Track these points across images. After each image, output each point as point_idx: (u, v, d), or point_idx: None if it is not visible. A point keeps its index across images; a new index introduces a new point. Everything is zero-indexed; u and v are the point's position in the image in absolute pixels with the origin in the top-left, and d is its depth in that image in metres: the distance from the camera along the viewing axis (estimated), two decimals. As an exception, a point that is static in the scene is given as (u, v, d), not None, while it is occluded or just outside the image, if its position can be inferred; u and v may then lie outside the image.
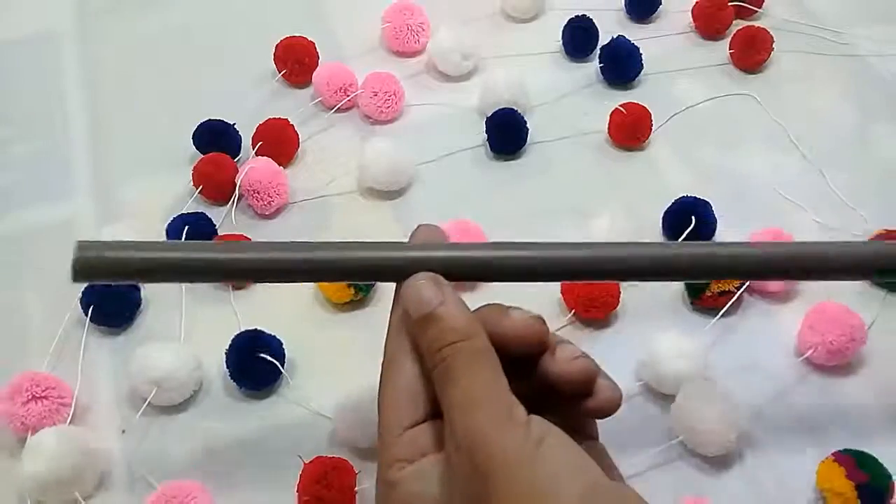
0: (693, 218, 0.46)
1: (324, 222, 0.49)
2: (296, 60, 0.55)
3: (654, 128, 0.52)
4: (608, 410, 0.32)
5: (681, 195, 0.47)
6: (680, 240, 0.46)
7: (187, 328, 0.44)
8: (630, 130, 0.51)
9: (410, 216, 0.49)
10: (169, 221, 0.47)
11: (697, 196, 0.47)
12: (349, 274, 0.32)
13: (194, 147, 0.51)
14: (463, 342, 0.28)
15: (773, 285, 0.44)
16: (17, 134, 0.54)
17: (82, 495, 0.37)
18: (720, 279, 0.42)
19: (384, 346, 0.31)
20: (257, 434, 0.40)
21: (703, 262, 0.32)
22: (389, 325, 0.31)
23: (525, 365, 0.31)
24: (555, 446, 0.27)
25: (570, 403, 0.31)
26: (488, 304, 0.31)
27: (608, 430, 0.39)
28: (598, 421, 0.33)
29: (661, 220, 0.47)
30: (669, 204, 0.47)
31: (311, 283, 0.45)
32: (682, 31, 0.59)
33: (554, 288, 0.44)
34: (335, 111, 0.54)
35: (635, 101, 0.52)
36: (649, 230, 0.47)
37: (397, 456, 0.29)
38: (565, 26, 0.57)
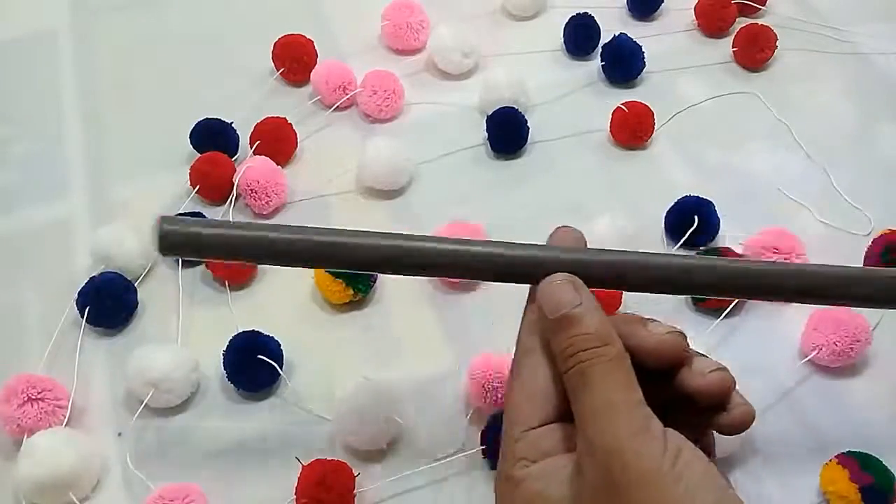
0: (696, 218, 0.45)
1: (322, 222, 0.48)
2: (294, 59, 0.55)
3: (656, 126, 0.52)
4: (742, 426, 0.31)
5: (683, 194, 0.47)
6: (682, 240, 0.45)
7: (184, 329, 0.43)
8: (632, 129, 0.51)
9: (410, 216, 0.49)
10: (166, 221, 0.46)
11: (700, 195, 0.47)
12: (472, 270, 0.31)
13: (191, 146, 0.51)
14: (599, 348, 0.28)
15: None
16: (14, 133, 0.54)
17: (79, 498, 0.37)
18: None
19: (516, 341, 0.31)
20: (255, 436, 0.40)
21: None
22: (523, 321, 0.31)
23: (657, 376, 0.30)
24: (691, 461, 0.27)
25: (700, 418, 0.31)
26: (624, 314, 0.31)
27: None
28: None
29: (663, 220, 0.47)
30: (672, 203, 0.47)
31: (312, 284, 0.44)
32: (685, 28, 0.59)
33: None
34: (334, 110, 0.53)
35: (637, 100, 0.52)
36: (651, 230, 0.47)
37: (522, 453, 0.29)
38: (566, 24, 0.57)
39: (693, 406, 0.31)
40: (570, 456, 0.28)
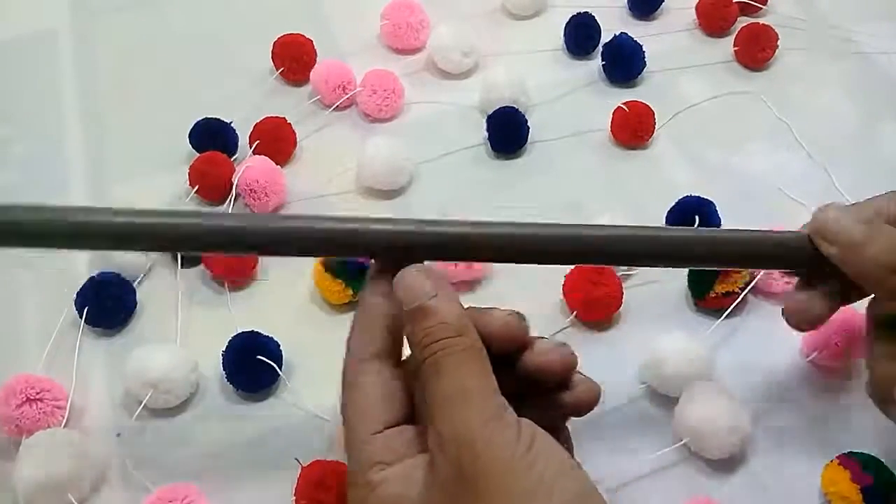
0: (697, 218, 0.45)
1: (322, 222, 0.48)
2: (293, 58, 0.55)
3: (657, 126, 0.52)
4: (588, 403, 0.32)
5: (684, 194, 0.47)
6: None
7: (183, 330, 0.43)
8: (633, 129, 0.51)
9: (410, 216, 0.48)
10: (165, 221, 0.46)
11: (701, 195, 0.47)
12: (320, 246, 0.32)
13: (191, 146, 0.50)
14: (454, 338, 0.28)
15: (778, 286, 0.44)
16: (14, 133, 0.54)
17: (77, 499, 0.37)
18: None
19: (346, 350, 0.31)
20: (254, 437, 0.40)
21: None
22: (354, 323, 0.31)
23: (503, 363, 0.30)
24: (546, 449, 0.26)
25: (548, 401, 0.31)
26: (469, 306, 0.31)
27: (611, 433, 0.39)
28: (594, 420, 0.33)
29: (664, 220, 0.47)
30: (672, 203, 0.47)
31: (311, 284, 0.44)
32: (686, 28, 0.59)
33: (556, 290, 0.43)
34: (333, 109, 0.53)
35: (638, 100, 0.52)
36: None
37: (375, 457, 0.29)
38: (567, 23, 0.57)
39: (542, 392, 0.31)
40: (421, 458, 0.28)
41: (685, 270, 0.44)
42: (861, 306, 0.41)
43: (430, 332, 0.28)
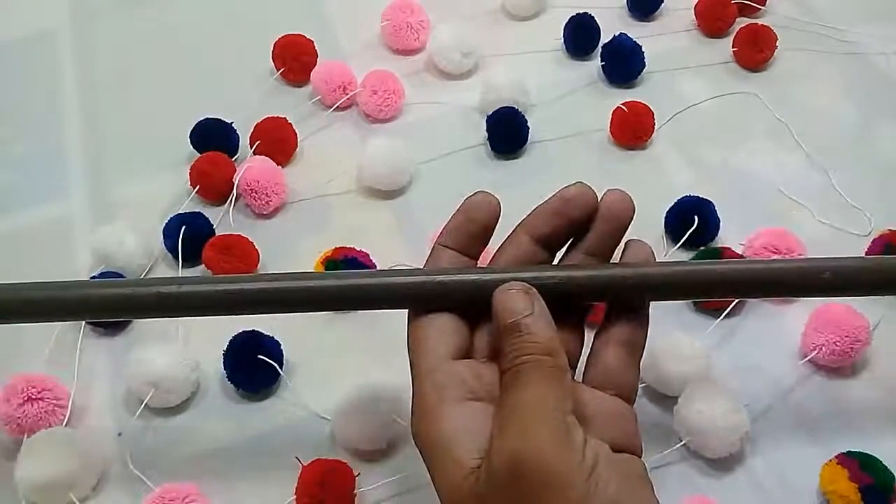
0: (696, 218, 0.45)
1: (323, 222, 0.49)
2: (294, 58, 0.55)
3: (656, 126, 0.52)
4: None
5: (683, 194, 0.47)
6: (682, 240, 0.45)
7: (185, 329, 0.43)
8: (632, 129, 0.51)
9: (410, 216, 0.49)
10: (166, 221, 0.46)
11: (700, 195, 0.47)
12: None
13: (192, 146, 0.51)
14: (542, 356, 0.29)
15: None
16: (15, 134, 0.54)
17: (78, 498, 0.37)
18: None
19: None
20: (255, 436, 0.40)
21: None
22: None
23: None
24: (605, 475, 0.27)
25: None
26: None
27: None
28: None
29: (663, 220, 0.47)
30: (672, 203, 0.47)
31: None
32: (685, 28, 0.59)
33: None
34: (334, 110, 0.53)
35: (637, 100, 0.52)
36: (652, 229, 0.47)
37: (443, 385, 0.30)
38: (566, 24, 0.57)
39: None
40: (489, 409, 0.29)
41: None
42: (861, 305, 0.42)
43: (520, 346, 0.29)
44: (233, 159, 0.50)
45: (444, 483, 0.28)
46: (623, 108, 0.51)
